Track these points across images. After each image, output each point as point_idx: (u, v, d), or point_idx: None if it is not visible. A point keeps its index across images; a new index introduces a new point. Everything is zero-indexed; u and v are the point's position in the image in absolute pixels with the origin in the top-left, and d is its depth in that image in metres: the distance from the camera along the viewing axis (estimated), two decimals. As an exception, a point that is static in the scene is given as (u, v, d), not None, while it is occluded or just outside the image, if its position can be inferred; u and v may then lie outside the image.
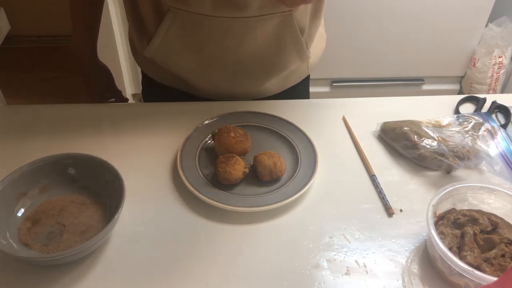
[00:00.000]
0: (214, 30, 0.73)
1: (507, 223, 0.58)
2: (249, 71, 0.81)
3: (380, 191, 0.67)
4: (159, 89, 0.90)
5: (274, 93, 0.89)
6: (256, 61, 0.80)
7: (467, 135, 0.75)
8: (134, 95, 2.05)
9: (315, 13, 0.80)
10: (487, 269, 0.53)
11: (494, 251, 0.55)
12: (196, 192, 0.63)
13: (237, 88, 0.85)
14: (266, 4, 0.70)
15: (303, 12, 0.77)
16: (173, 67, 0.83)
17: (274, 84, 0.87)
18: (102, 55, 0.95)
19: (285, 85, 0.90)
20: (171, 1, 0.72)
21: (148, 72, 0.90)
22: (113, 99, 0.99)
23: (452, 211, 0.60)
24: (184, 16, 0.73)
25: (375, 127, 0.79)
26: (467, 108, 0.87)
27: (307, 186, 0.65)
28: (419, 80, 2.06)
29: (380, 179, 0.69)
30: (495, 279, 0.47)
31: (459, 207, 0.60)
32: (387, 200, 0.65)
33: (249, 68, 0.81)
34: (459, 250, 0.56)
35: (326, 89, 2.05)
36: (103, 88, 0.98)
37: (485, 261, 0.54)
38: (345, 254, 0.58)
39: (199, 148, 0.72)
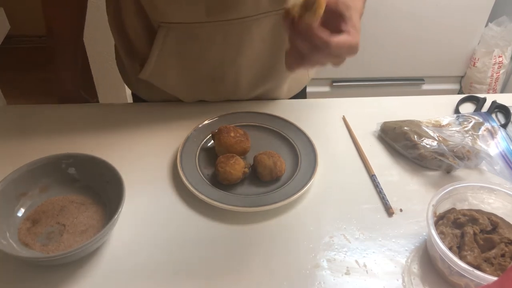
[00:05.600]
0: (210, 38, 0.71)
1: (507, 223, 0.58)
2: (249, 82, 0.80)
3: (380, 191, 0.67)
4: None
5: None
6: (256, 69, 0.78)
7: (467, 135, 0.75)
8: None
9: None
10: (487, 269, 0.53)
11: (494, 251, 0.55)
12: (196, 192, 0.63)
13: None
14: (260, 1, 0.68)
15: None
16: (170, 88, 0.80)
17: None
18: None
19: (287, 95, 0.89)
20: (160, 16, 0.69)
21: (142, 94, 0.87)
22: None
23: (452, 211, 0.60)
24: (177, 30, 0.70)
25: (375, 127, 0.79)
26: (467, 108, 0.87)
27: (307, 186, 0.65)
28: (419, 80, 2.06)
29: (380, 179, 0.69)
30: (495, 279, 0.47)
31: (459, 207, 0.60)
32: (387, 200, 0.65)
33: (249, 77, 0.79)
34: (459, 250, 0.56)
35: (326, 89, 2.05)
36: None
37: (485, 261, 0.54)
38: (345, 254, 0.58)
39: (199, 148, 0.72)
